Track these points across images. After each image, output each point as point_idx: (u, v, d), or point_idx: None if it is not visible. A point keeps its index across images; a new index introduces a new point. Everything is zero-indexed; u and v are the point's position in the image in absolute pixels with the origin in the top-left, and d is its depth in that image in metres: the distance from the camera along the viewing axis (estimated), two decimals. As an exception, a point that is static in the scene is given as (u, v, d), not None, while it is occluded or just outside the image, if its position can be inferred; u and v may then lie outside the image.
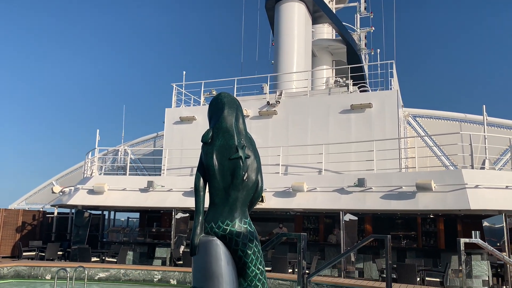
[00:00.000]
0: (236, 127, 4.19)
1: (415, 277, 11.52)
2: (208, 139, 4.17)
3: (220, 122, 4.18)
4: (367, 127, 16.19)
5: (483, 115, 15.83)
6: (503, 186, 12.59)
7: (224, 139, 4.13)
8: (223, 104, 4.23)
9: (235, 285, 3.98)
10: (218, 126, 4.18)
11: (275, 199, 14.86)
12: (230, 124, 4.17)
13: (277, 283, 11.80)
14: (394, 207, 13.20)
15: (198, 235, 4.01)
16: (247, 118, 17.71)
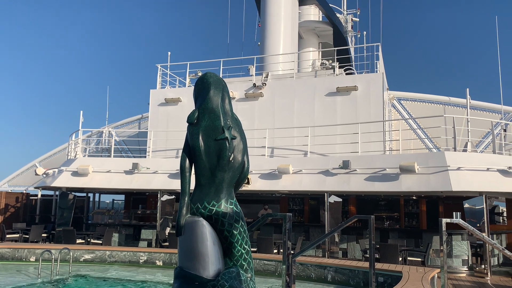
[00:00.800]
0: (222, 107, 4.16)
1: (397, 257, 11.77)
2: (194, 119, 4.13)
3: (206, 103, 4.14)
4: (353, 109, 16.27)
5: (466, 98, 16.03)
6: (484, 168, 12.84)
7: (210, 120, 4.09)
8: (209, 85, 4.18)
9: (221, 265, 4.01)
10: (204, 106, 4.14)
11: (261, 181, 14.93)
12: (216, 104, 4.13)
13: (262, 263, 11.95)
14: (377, 189, 13.39)
15: (184, 216, 4.00)
16: (233, 100, 17.63)
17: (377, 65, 16.96)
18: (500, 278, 11.95)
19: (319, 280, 11.02)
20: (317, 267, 11.23)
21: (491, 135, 15.25)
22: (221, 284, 3.81)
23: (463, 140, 15.05)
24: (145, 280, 10.89)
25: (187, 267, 3.93)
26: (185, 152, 4.19)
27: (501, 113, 17.60)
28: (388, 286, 9.11)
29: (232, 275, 3.92)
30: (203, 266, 3.89)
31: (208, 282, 3.81)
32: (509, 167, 12.86)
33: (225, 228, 4.02)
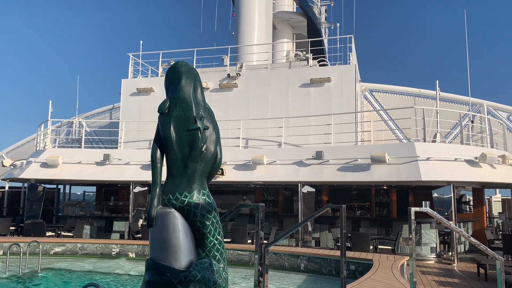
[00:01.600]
0: (194, 97, 4.10)
1: (368, 245, 12.03)
2: (165, 109, 4.07)
3: (178, 92, 4.07)
4: (326, 101, 16.42)
5: (436, 90, 16.41)
6: (452, 159, 13.22)
7: (182, 110, 4.03)
8: (180, 74, 4.12)
9: (193, 256, 3.99)
10: (176, 96, 4.08)
11: (236, 172, 14.93)
12: (188, 94, 4.07)
13: (236, 254, 11.99)
14: (349, 179, 13.60)
15: (155, 207, 3.95)
16: (207, 90, 17.50)
17: (349, 57, 17.14)
18: (466, 265, 12.38)
19: (292, 269, 11.15)
20: (290, 256, 11.35)
21: (459, 126, 15.68)
22: (193, 274, 3.79)
23: (432, 131, 15.43)
24: (117, 273, 10.76)
25: (158, 259, 3.90)
26: (156, 142, 4.12)
27: (469, 105, 18.12)
28: (359, 274, 9.30)
29: (205, 265, 3.91)
30: (174, 257, 3.86)
31: (180, 273, 3.79)
32: (476, 157, 13.27)
33: (198, 219, 3.99)
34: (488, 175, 13.37)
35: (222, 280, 4.04)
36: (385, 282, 7.34)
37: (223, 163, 14.78)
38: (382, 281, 7.39)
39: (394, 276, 7.86)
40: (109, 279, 10.01)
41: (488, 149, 15.00)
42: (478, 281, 9.98)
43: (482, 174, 13.28)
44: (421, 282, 9.64)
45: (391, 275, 7.94)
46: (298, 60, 18.29)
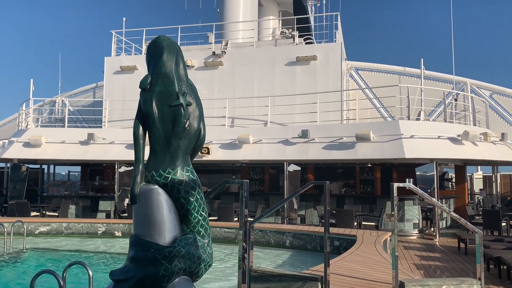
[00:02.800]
0: (176, 72, 4.03)
1: (352, 221, 12.23)
2: (146, 85, 3.99)
3: (159, 67, 4.00)
4: (312, 79, 16.39)
5: (420, 68, 16.47)
6: (435, 136, 13.39)
7: (164, 85, 3.97)
8: (162, 48, 4.04)
9: (177, 232, 4.00)
10: (157, 71, 4.00)
11: (221, 151, 14.93)
12: (170, 69, 4.00)
13: (223, 231, 12.10)
14: (335, 157, 13.71)
15: (138, 184, 3.93)
16: (192, 68, 17.30)
17: (335, 35, 17.05)
18: (447, 240, 12.70)
19: (278, 246, 11.31)
20: (276, 233, 11.50)
21: (443, 105, 15.83)
22: (178, 250, 3.81)
23: (416, 109, 15.56)
24: (103, 251, 10.77)
25: (142, 235, 3.90)
26: (138, 119, 4.07)
27: (453, 83, 18.26)
28: (343, 249, 9.47)
29: (189, 241, 3.92)
30: (159, 233, 3.86)
31: (164, 248, 3.80)
32: (459, 135, 13.47)
33: (181, 195, 3.98)
34: (470, 153, 13.60)
35: (207, 255, 4.06)
36: (368, 257, 7.50)
37: (209, 142, 14.75)
38: (365, 256, 7.55)
39: (377, 251, 8.03)
40: (95, 257, 10.02)
41: (470, 127, 15.22)
42: (458, 255, 10.26)
43: (465, 151, 13.50)
44: (404, 256, 9.87)
45: (374, 250, 8.11)
46: (284, 38, 18.13)
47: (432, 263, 9.11)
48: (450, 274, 7.98)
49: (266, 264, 9.36)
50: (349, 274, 6.22)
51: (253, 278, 5.55)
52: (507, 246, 8.61)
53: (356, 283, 5.75)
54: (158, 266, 3.76)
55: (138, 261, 3.83)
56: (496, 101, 18.06)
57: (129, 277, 3.81)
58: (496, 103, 18.05)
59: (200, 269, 3.98)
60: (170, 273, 3.77)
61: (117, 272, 3.95)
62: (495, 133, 15.43)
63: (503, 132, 15.42)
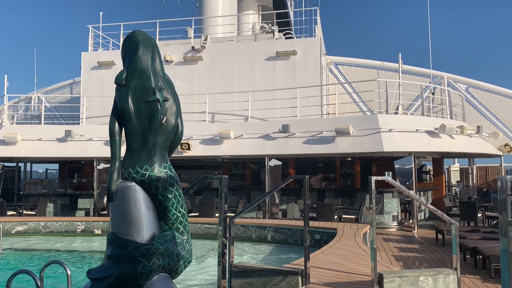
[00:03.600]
0: (152, 67, 3.98)
1: (333, 215, 12.34)
2: (122, 80, 3.93)
3: (135, 62, 3.93)
4: (292, 74, 16.42)
5: (399, 63, 16.67)
6: (413, 130, 13.59)
7: (140, 81, 3.91)
8: (137, 43, 3.97)
9: (155, 229, 3.96)
10: (133, 66, 3.94)
11: (202, 147, 14.85)
12: (145, 64, 3.94)
13: (204, 227, 12.07)
14: (315, 151, 13.79)
15: (115, 181, 3.87)
16: (171, 63, 17.13)
17: (315, 30, 17.10)
18: (425, 231, 12.94)
19: (259, 240, 11.35)
20: (258, 228, 11.53)
21: (420, 98, 16.07)
22: (156, 247, 3.77)
23: (395, 103, 15.76)
24: (82, 250, 10.62)
25: (120, 233, 3.85)
26: (114, 115, 4.00)
27: (430, 77, 18.54)
28: (324, 242, 9.56)
29: (167, 238, 3.89)
30: (137, 231, 3.81)
31: (142, 246, 3.75)
32: (436, 128, 13.70)
33: (159, 192, 3.94)
34: (447, 145, 13.86)
35: (186, 252, 4.04)
36: (348, 249, 7.58)
37: (190, 137, 14.65)
38: (345, 249, 7.63)
39: (357, 244, 8.13)
40: (74, 256, 9.87)
41: (447, 120, 15.50)
42: (436, 246, 10.46)
43: (442, 144, 13.75)
44: (383, 248, 10.02)
45: (353, 243, 8.21)
46: (264, 32, 18.10)
47: (411, 255, 9.27)
48: (428, 265, 8.14)
49: (249, 257, 9.39)
50: (329, 267, 6.28)
51: (234, 273, 5.55)
52: (483, 236, 8.82)
53: (335, 275, 5.81)
54: (136, 264, 3.72)
55: (116, 259, 3.78)
56: (472, 95, 18.43)
57: (106, 276, 3.76)
58: (472, 97, 18.42)
59: (179, 266, 3.95)
60: (149, 270, 3.73)
61: (95, 270, 3.89)
62: (471, 126, 15.75)
63: (479, 125, 15.77)
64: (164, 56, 16.99)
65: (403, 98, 15.64)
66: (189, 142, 14.37)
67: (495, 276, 6.90)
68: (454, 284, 5.23)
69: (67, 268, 4.86)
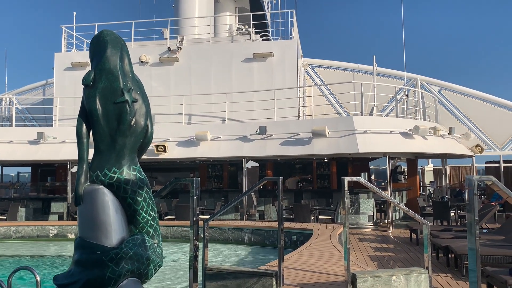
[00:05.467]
0: (121, 68, 3.90)
1: (309, 215, 12.39)
2: (89, 81, 3.83)
3: (103, 63, 3.85)
4: (269, 76, 16.45)
5: (373, 65, 16.90)
6: (387, 131, 13.78)
7: (108, 81, 3.82)
8: (105, 43, 3.89)
9: (125, 233, 3.87)
10: (101, 67, 3.85)
11: (179, 149, 14.70)
12: (114, 65, 3.86)
13: (180, 230, 11.94)
14: (292, 153, 13.84)
15: (82, 184, 3.77)
16: (147, 65, 16.93)
17: (291, 32, 17.19)
18: (400, 231, 13.12)
19: (236, 242, 11.30)
20: (234, 230, 11.48)
21: (394, 100, 16.31)
22: (125, 251, 3.69)
23: (370, 105, 15.96)
24: (55, 255, 10.35)
25: (88, 237, 3.75)
26: (81, 116, 3.90)
27: (404, 80, 18.86)
28: (300, 243, 9.58)
29: (137, 242, 3.81)
30: (105, 235, 3.73)
31: (110, 250, 3.67)
32: (410, 129, 13.92)
33: (128, 195, 3.86)
34: (420, 146, 14.10)
35: (156, 255, 3.97)
36: (323, 250, 7.61)
37: (166, 139, 14.50)
38: (320, 249, 7.65)
39: (332, 244, 8.17)
40: (44, 261, 9.61)
41: (421, 121, 15.78)
42: (410, 245, 10.60)
43: (415, 145, 13.98)
44: (359, 248, 10.10)
45: (329, 243, 8.25)
46: (241, 34, 18.08)
47: (385, 254, 9.38)
48: (402, 264, 8.24)
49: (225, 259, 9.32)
50: (304, 268, 6.28)
51: (208, 276, 5.49)
52: (455, 235, 8.98)
53: (310, 276, 5.81)
54: (104, 268, 3.63)
55: (83, 264, 3.68)
56: (445, 97, 18.84)
57: (73, 281, 3.66)
58: (445, 99, 18.83)
59: (149, 270, 3.88)
60: (117, 275, 3.65)
61: (61, 276, 3.78)
62: (444, 127, 16.09)
63: (451, 126, 16.11)
64: (140, 57, 16.79)
65: (377, 100, 15.86)
66: (165, 144, 14.21)
67: (466, 274, 7.02)
68: (425, 282, 5.30)
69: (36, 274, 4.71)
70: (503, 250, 7.09)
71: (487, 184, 4.38)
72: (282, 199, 5.41)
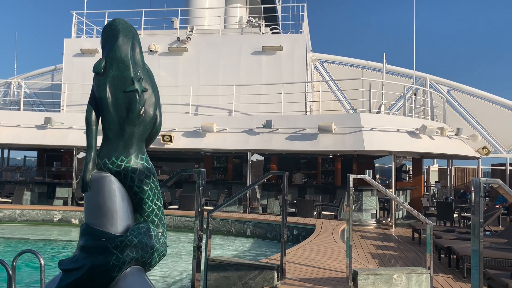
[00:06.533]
0: (132, 57, 3.91)
1: (312, 211, 12.41)
2: (100, 69, 3.86)
3: (114, 51, 3.86)
4: (277, 69, 16.40)
5: (383, 63, 16.80)
6: (394, 130, 13.73)
7: (119, 70, 3.84)
8: (117, 31, 3.90)
9: (130, 221, 3.91)
10: (112, 55, 3.87)
11: (185, 139, 14.74)
12: (125, 53, 3.88)
13: (183, 220, 12.01)
14: (297, 148, 13.84)
15: (90, 171, 3.81)
16: (156, 54, 16.94)
17: (301, 26, 17.10)
18: (403, 230, 13.12)
19: (238, 235, 11.35)
20: (237, 222, 11.52)
21: (403, 99, 16.23)
22: (130, 239, 3.73)
23: (377, 103, 15.90)
24: (59, 239, 10.46)
25: (94, 224, 3.79)
26: (91, 104, 3.93)
27: (413, 78, 18.74)
28: (302, 238, 9.60)
29: (142, 230, 3.85)
30: (111, 222, 3.76)
31: (115, 238, 3.71)
32: (417, 128, 13.87)
33: (135, 184, 3.89)
34: (427, 146, 14.06)
35: (161, 245, 4.01)
36: (325, 245, 7.63)
37: (172, 129, 14.54)
38: (322, 245, 7.67)
39: (334, 240, 8.18)
40: (49, 245, 9.71)
41: (428, 121, 15.72)
42: (412, 244, 10.61)
43: (422, 145, 13.94)
44: (360, 245, 10.13)
45: (331, 239, 8.27)
46: (251, 26, 18.01)
47: (387, 253, 9.39)
48: (403, 263, 8.25)
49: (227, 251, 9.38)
50: (306, 262, 6.31)
51: (210, 267, 5.53)
52: (458, 236, 8.98)
53: (311, 271, 5.84)
54: (109, 255, 3.67)
55: (88, 250, 3.73)
56: (453, 97, 18.72)
57: (78, 267, 3.71)
58: (453, 99, 18.70)
59: (153, 259, 3.92)
60: (122, 262, 3.69)
61: (66, 261, 3.83)
62: (451, 127, 16.01)
63: (458, 127, 16.02)
64: (149, 46, 16.80)
65: (385, 98, 15.79)
66: (171, 134, 14.25)
67: (468, 275, 7.03)
68: (426, 282, 5.31)
69: (41, 257, 4.77)
70: (505, 253, 7.08)
71: (492, 187, 4.37)
72: (286, 194, 5.42)
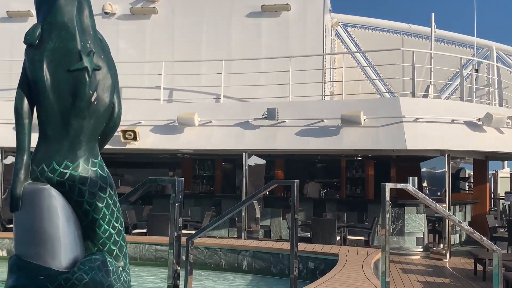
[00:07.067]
0: (78, 22, 3.92)
1: (334, 235, 12.44)
2: (34, 39, 3.87)
3: (54, 14, 3.87)
4: (283, 38, 16.44)
5: (431, 26, 16.82)
6: (448, 120, 13.76)
7: (61, 40, 3.85)
8: (58, -13, 3.93)
9: (79, 251, 3.94)
10: (51, 19, 3.88)
11: (154, 136, 14.80)
12: (69, 17, 3.88)
13: (153, 249, 12.05)
14: (312, 147, 13.88)
15: (22, 182, 3.83)
16: (112, 17, 17.01)
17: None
18: (461, 260, 13.18)
19: (231, 269, 11.38)
20: (229, 251, 11.55)
21: (459, 77, 16.26)
22: (78, 277, 3.75)
23: (424, 83, 15.92)
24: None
25: (28, 256, 3.81)
26: (22, 88, 3.95)
27: (473, 48, 18.76)
28: (320, 273, 9.64)
29: (95, 264, 3.87)
30: (51, 254, 3.79)
31: (59, 275, 3.73)
32: (479, 118, 13.88)
33: (85, 199, 3.92)
34: (494, 143, 14.09)
35: (122, 283, 4.05)
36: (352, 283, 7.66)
37: (136, 123, 14.59)
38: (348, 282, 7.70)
39: (365, 275, 8.21)
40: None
41: (495, 107, 15.75)
42: (474, 280, 10.66)
43: (486, 141, 13.97)
44: (401, 283, 10.17)
45: (361, 274, 8.30)
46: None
47: (438, 292, 9.44)
48: (461, 307, 8.29)
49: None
50: (325, 307, 6.34)
51: (193, 315, 5.58)
52: (537, 268, 9.01)
53: (333, 320, 5.88)
54: (50, 300, 3.71)
55: (21, 293, 3.76)
56: (530, 74, 18.76)
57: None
58: (530, 76, 18.75)
59: (112, 304, 3.96)
60: (67, 310, 3.73)
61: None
62: (528, 116, 16.03)
63: (539, 116, 16.06)
64: (103, 6, 16.85)
65: (435, 76, 15.81)
66: (135, 130, 14.29)
67: (551, 322, 7.07)
68: (493, 332, 5.34)
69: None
70: None
71: None
72: (297, 211, 5.46)
